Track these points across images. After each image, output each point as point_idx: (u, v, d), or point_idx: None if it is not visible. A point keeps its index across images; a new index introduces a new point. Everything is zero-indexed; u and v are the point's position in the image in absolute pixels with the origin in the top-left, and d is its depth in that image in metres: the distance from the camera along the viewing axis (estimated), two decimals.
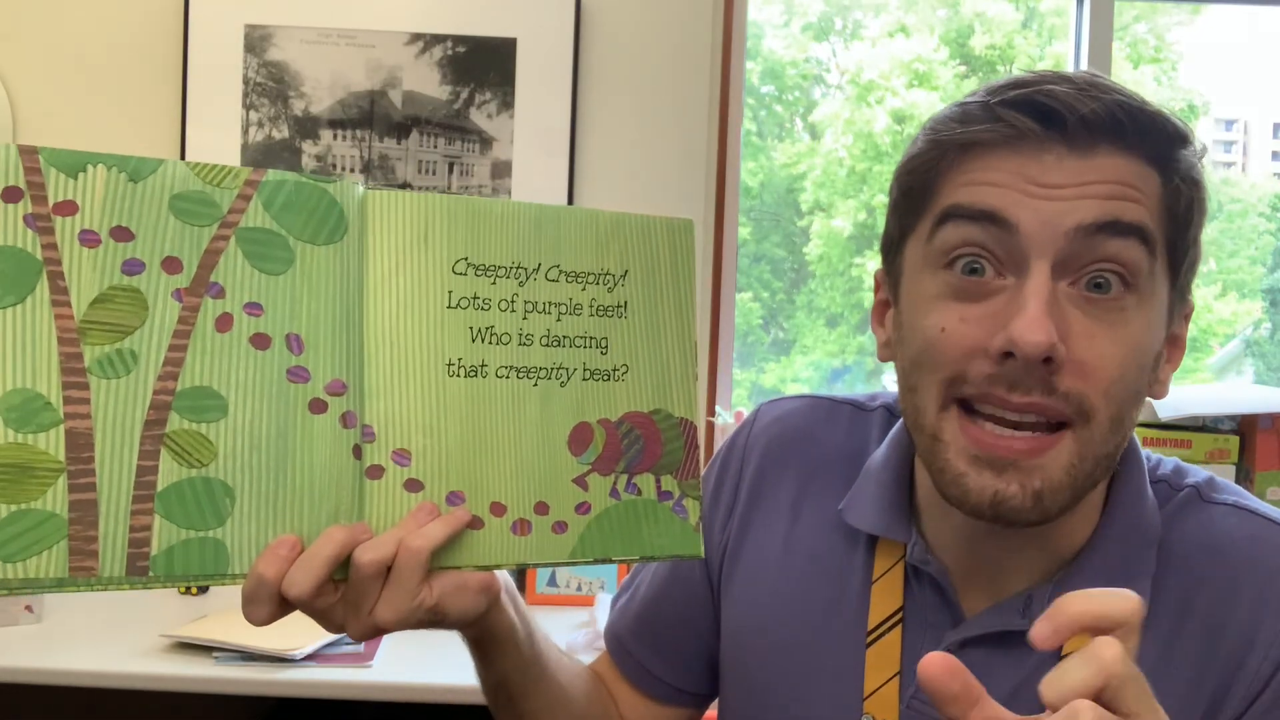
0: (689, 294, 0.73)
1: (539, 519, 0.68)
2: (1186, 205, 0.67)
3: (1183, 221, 0.67)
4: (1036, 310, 0.62)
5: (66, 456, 0.59)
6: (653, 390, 0.72)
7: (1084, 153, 0.65)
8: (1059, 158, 0.65)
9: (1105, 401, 0.64)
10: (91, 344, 0.60)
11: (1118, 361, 0.64)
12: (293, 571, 0.61)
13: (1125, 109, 0.65)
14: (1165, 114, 0.67)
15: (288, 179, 0.64)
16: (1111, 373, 0.64)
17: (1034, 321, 0.62)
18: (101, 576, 0.59)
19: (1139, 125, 0.65)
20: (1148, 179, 0.66)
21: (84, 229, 0.60)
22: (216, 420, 0.62)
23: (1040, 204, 0.64)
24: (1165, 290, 0.68)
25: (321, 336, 0.64)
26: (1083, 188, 0.64)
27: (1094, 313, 0.64)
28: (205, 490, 0.61)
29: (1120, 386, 0.65)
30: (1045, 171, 0.64)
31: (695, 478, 0.73)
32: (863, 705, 0.75)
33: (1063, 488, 0.65)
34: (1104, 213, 0.64)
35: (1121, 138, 0.65)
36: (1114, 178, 0.65)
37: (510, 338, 0.68)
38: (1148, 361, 0.67)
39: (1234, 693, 0.67)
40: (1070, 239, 0.64)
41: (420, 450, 0.66)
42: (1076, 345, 0.64)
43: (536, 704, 0.81)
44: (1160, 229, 0.66)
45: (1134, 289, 0.65)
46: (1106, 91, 0.65)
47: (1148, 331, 0.66)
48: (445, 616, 0.66)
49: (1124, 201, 0.64)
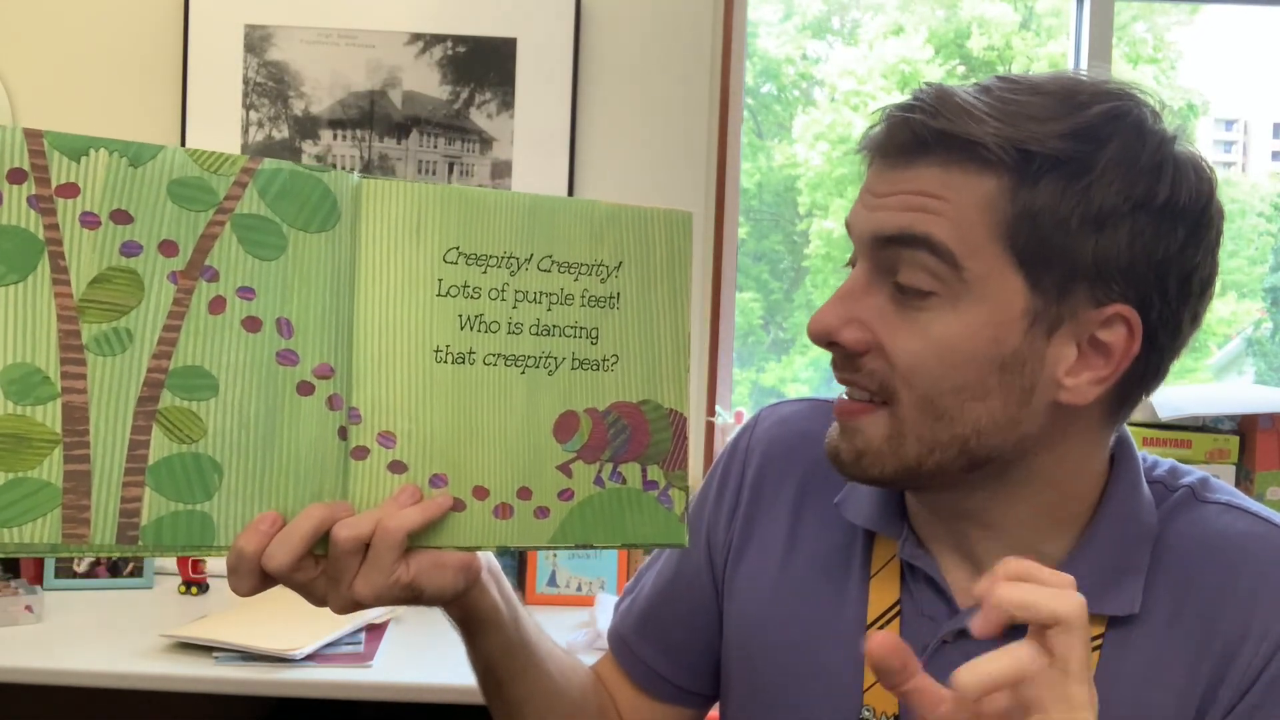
0: (684, 286, 0.73)
1: (521, 503, 0.69)
2: (1065, 210, 0.65)
3: (1052, 225, 0.66)
4: (830, 301, 0.71)
5: (63, 429, 0.61)
6: (642, 381, 0.72)
7: (901, 164, 0.69)
8: (883, 169, 0.70)
9: (906, 387, 0.69)
10: (89, 322, 0.62)
11: (916, 354, 0.68)
12: (272, 546, 0.64)
13: (956, 117, 0.66)
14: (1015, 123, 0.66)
15: (283, 168, 0.66)
16: (909, 363, 0.68)
17: (819, 312, 0.71)
18: (93, 544, 0.62)
19: (963, 134, 0.65)
20: (966, 186, 0.66)
21: (85, 211, 0.62)
22: (207, 399, 0.64)
23: (865, 213, 0.71)
24: (1019, 294, 0.67)
25: (311, 321, 0.66)
26: (887, 199, 0.69)
27: (899, 310, 0.69)
28: (194, 465, 0.64)
29: (922, 377, 0.68)
30: (874, 182, 0.71)
31: (683, 468, 0.73)
32: (863, 698, 0.76)
33: (883, 455, 0.71)
34: (894, 224, 0.68)
35: (931, 149, 0.67)
36: (918, 189, 0.68)
37: (499, 326, 0.69)
38: (966, 359, 0.67)
39: (1227, 686, 0.68)
40: (873, 247, 0.70)
41: (405, 433, 0.67)
42: (883, 335, 0.69)
43: (525, 691, 0.82)
44: (985, 234, 0.66)
45: (941, 292, 0.67)
46: (967, 99, 0.66)
47: (964, 330, 0.67)
48: (422, 593, 0.68)
49: (919, 213, 0.67)
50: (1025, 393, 0.68)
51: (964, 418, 0.68)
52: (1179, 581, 0.71)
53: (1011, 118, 0.66)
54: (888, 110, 0.70)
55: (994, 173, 0.66)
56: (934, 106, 0.67)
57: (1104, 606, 0.70)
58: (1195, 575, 0.71)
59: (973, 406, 0.68)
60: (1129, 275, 0.66)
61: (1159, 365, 0.71)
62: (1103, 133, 0.66)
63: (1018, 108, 0.66)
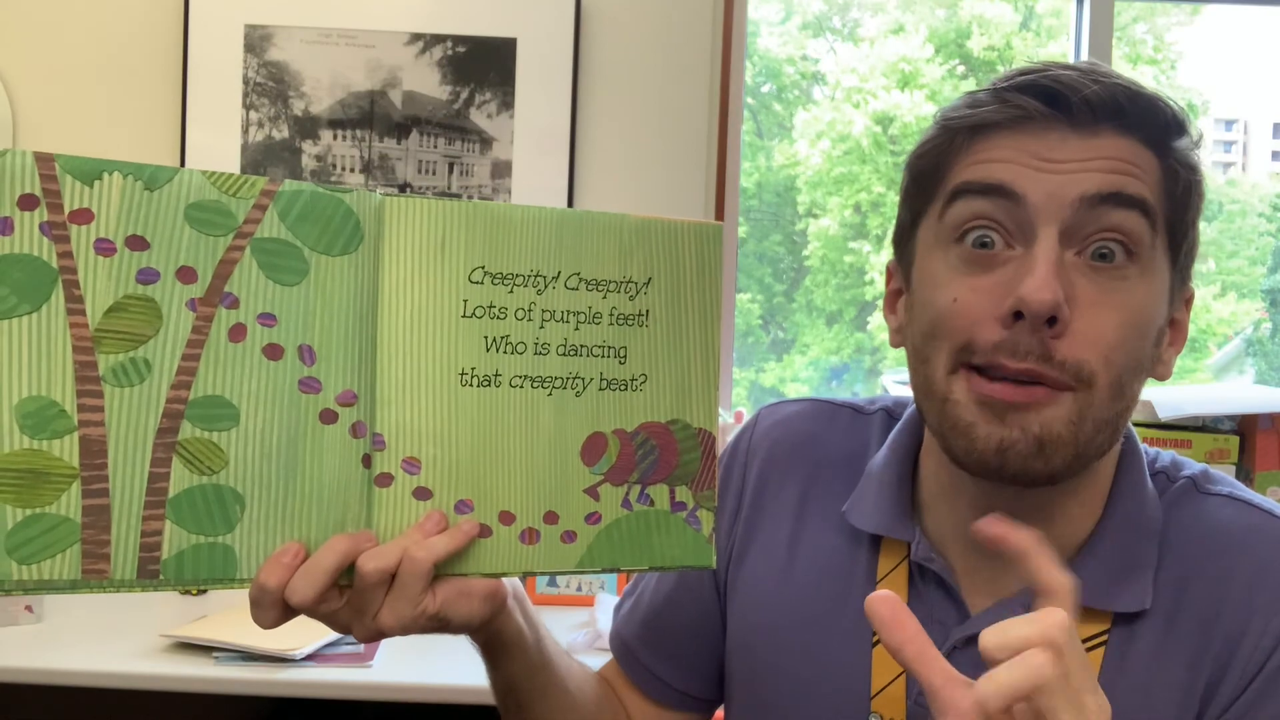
0: (715, 301, 0.71)
1: (548, 528, 0.68)
2: (1184, 188, 0.70)
3: (1180, 203, 0.70)
4: (1045, 271, 0.65)
5: (80, 463, 0.60)
6: (671, 400, 0.71)
7: (1087, 132, 0.68)
8: (1063, 137, 0.68)
9: (1105, 367, 0.66)
10: (106, 352, 0.60)
11: (1119, 328, 0.66)
12: (295, 579, 0.63)
13: (1127, 93, 0.68)
14: (1164, 100, 0.70)
15: (304, 190, 0.64)
16: (1111, 338, 0.66)
17: (1042, 281, 0.64)
18: (113, 579, 0.60)
19: (1139, 109, 0.69)
20: (1146, 159, 0.69)
21: (99, 237, 0.60)
22: (228, 429, 0.62)
23: (1046, 177, 0.67)
24: (1166, 268, 0.70)
25: (334, 347, 0.64)
26: (1086, 163, 0.67)
27: (1098, 280, 0.67)
28: (215, 497, 0.62)
29: (1121, 353, 0.67)
30: (1050, 148, 0.68)
31: (711, 489, 0.72)
32: (870, 704, 0.75)
33: (1065, 441, 0.66)
34: (1107, 185, 0.67)
35: (1122, 119, 0.68)
36: (1115, 155, 0.68)
37: (526, 347, 0.68)
38: (1149, 333, 0.69)
39: (1229, 678, 0.68)
40: (1075, 209, 0.66)
41: (430, 459, 0.66)
42: (1080, 312, 0.66)
43: (544, 709, 0.81)
44: (1160, 207, 0.69)
45: (1137, 260, 0.67)
46: (1108, 76, 0.69)
47: (1150, 302, 0.69)
48: (449, 623, 0.67)
49: (1126, 176, 0.67)
50: (1149, 367, 0.71)
51: (1132, 394, 0.69)
52: (1181, 574, 0.71)
53: (1158, 103, 0.70)
54: (1047, 74, 0.69)
55: (1152, 150, 0.69)
56: (1113, 78, 0.69)
57: (1114, 604, 0.70)
58: (1197, 568, 0.71)
59: (1136, 382, 0.69)
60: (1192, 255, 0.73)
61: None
62: (1183, 117, 0.71)
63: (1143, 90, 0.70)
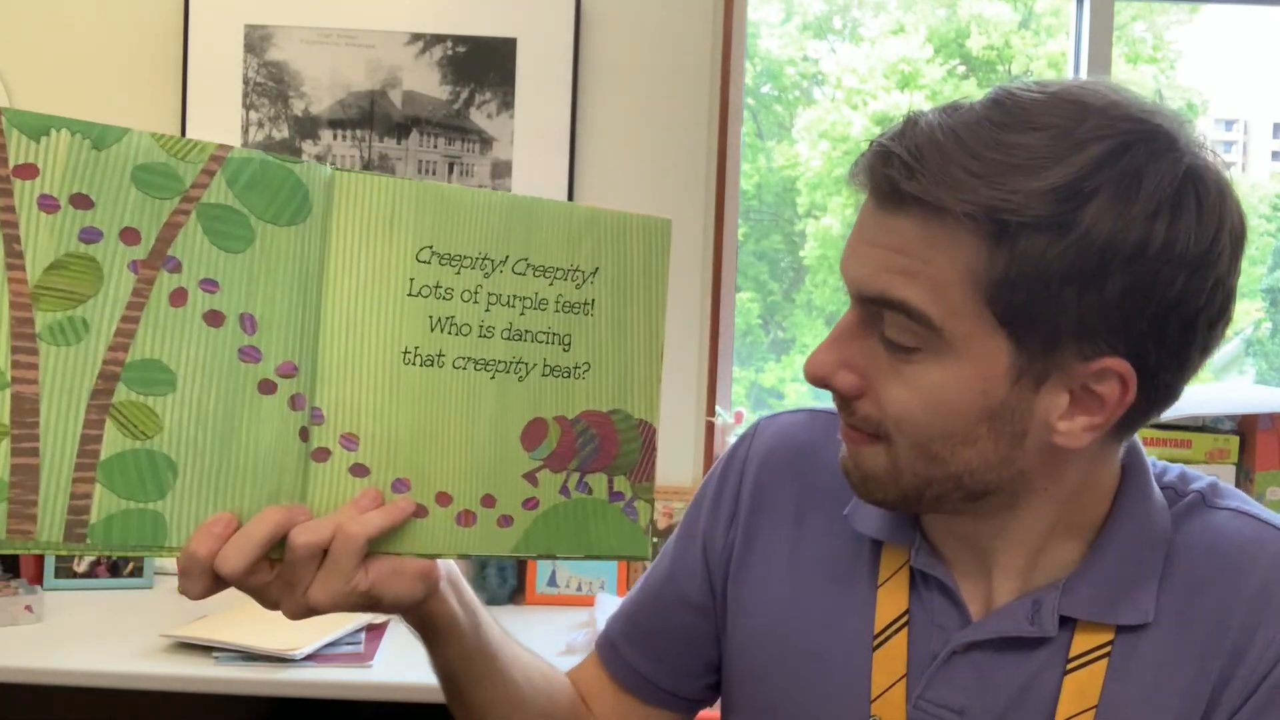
0: (660, 295, 0.72)
1: (485, 511, 0.69)
2: (1039, 268, 0.62)
3: (1037, 286, 0.62)
4: (823, 346, 0.70)
5: (11, 420, 0.59)
6: (614, 390, 0.71)
7: (889, 210, 0.65)
8: (872, 210, 0.67)
9: (898, 432, 0.68)
10: (44, 310, 0.59)
11: (905, 404, 0.67)
12: (226, 549, 0.62)
13: (941, 167, 0.62)
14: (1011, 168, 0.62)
15: (253, 157, 0.63)
16: (897, 411, 0.67)
17: (815, 355, 0.70)
18: (39, 540, 0.60)
19: (948, 184, 0.62)
20: (946, 249, 0.63)
21: (43, 193, 0.59)
22: (164, 394, 0.62)
23: (851, 258, 0.68)
24: (1003, 352, 0.64)
25: (276, 318, 0.64)
26: (873, 250, 0.66)
27: (890, 359, 0.67)
28: (148, 462, 0.62)
29: (911, 425, 0.67)
30: (862, 226, 0.68)
31: (650, 480, 0.72)
32: (870, 708, 0.75)
33: (886, 483, 0.70)
34: (875, 287, 0.66)
35: (923, 200, 0.63)
36: (898, 245, 0.64)
37: (470, 329, 0.68)
38: (953, 410, 0.66)
39: (1233, 689, 0.68)
40: (859, 299, 0.68)
41: (369, 436, 0.66)
42: (874, 381, 0.68)
43: (486, 696, 0.81)
44: (969, 296, 0.63)
45: (926, 349, 0.65)
46: (947, 148, 0.62)
47: (952, 383, 0.65)
48: (380, 601, 0.67)
49: (897, 275, 0.65)
50: (1017, 437, 0.67)
51: (955, 460, 0.68)
52: (1187, 587, 0.71)
53: (995, 172, 0.61)
54: (875, 144, 0.66)
55: (972, 234, 0.62)
56: (913, 164, 0.63)
57: (1117, 617, 0.70)
58: (1203, 581, 0.71)
59: (963, 450, 0.67)
60: (1119, 330, 0.63)
61: (1167, 395, 0.69)
62: (1092, 184, 0.61)
63: (1005, 155, 0.61)
